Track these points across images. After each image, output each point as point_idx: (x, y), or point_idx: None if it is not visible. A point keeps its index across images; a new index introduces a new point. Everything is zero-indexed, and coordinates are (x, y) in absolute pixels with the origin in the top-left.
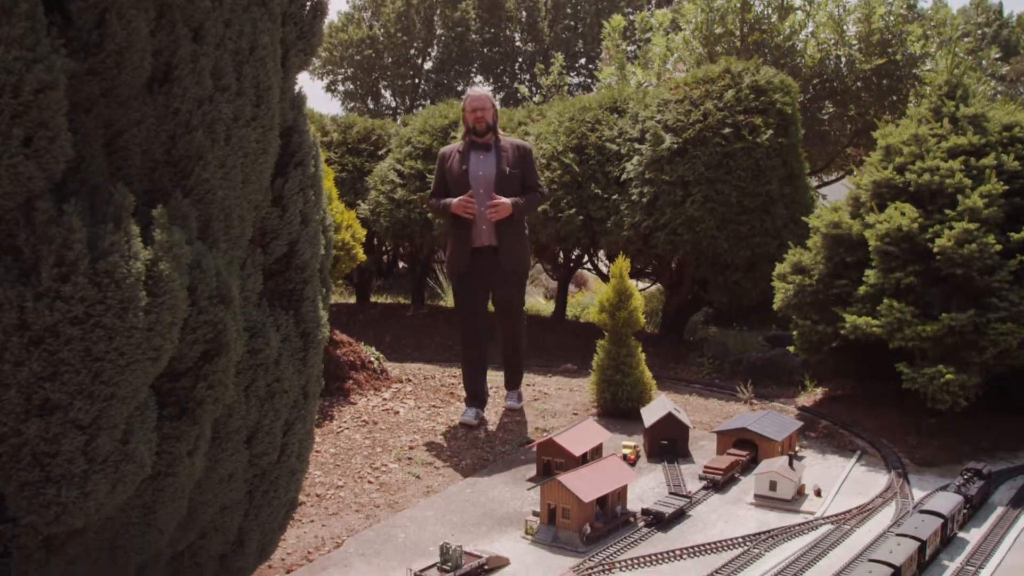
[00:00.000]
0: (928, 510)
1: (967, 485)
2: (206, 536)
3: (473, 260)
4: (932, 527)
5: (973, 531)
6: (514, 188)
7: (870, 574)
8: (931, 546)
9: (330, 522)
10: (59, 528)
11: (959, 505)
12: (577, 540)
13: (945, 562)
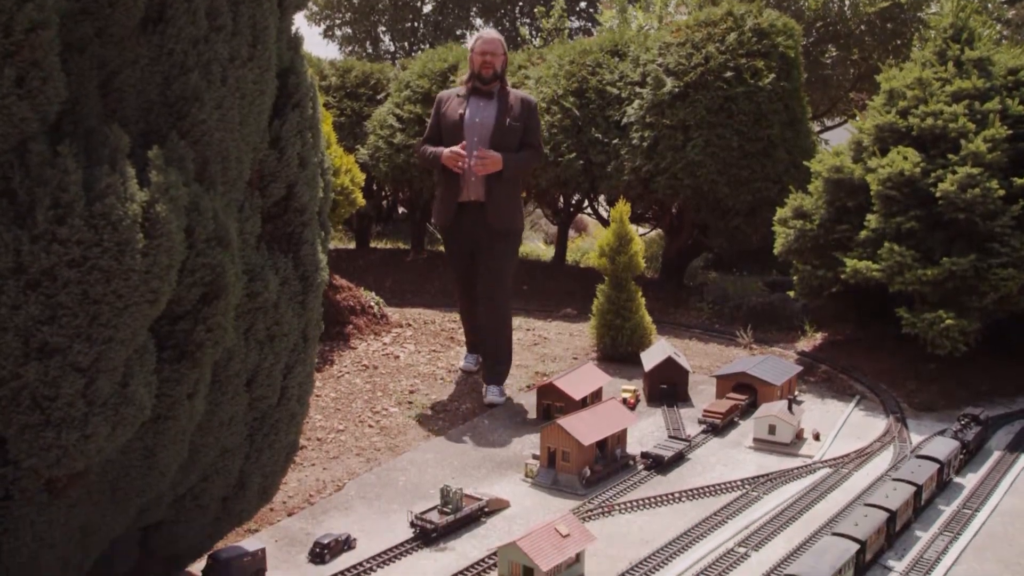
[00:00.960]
0: (924, 455)
1: (964, 431)
2: (208, 479)
3: (459, 215)
4: (928, 472)
5: (969, 476)
6: (512, 142)
7: (866, 518)
8: (927, 491)
9: (331, 465)
10: (60, 471)
11: (955, 451)
12: (577, 483)
13: (941, 507)
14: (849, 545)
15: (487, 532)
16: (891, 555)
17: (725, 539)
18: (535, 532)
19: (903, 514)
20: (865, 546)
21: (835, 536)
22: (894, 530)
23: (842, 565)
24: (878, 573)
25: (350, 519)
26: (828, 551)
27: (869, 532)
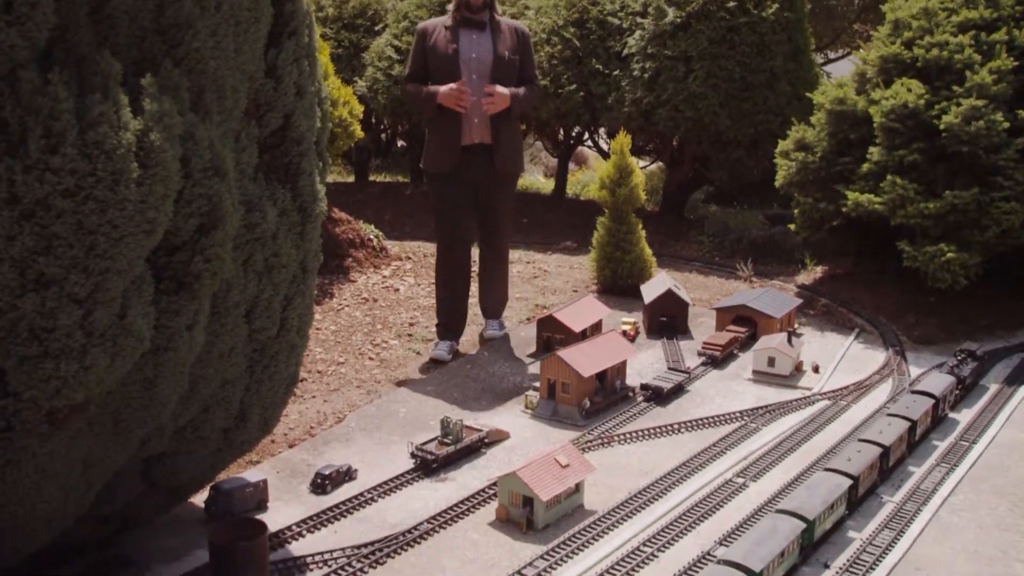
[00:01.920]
0: (920, 390)
1: (960, 366)
2: (208, 410)
3: (462, 160)
4: (923, 407)
5: (965, 411)
6: (512, 77)
7: (859, 453)
8: (922, 426)
9: (331, 398)
10: (60, 402)
11: (951, 386)
12: (576, 414)
13: (936, 442)
14: (841, 481)
15: (487, 463)
16: (885, 489)
17: (724, 470)
18: (535, 462)
19: (897, 449)
20: (858, 481)
21: (828, 471)
22: (888, 465)
23: (834, 500)
24: (872, 507)
25: (351, 450)
26: (821, 486)
27: (862, 467)
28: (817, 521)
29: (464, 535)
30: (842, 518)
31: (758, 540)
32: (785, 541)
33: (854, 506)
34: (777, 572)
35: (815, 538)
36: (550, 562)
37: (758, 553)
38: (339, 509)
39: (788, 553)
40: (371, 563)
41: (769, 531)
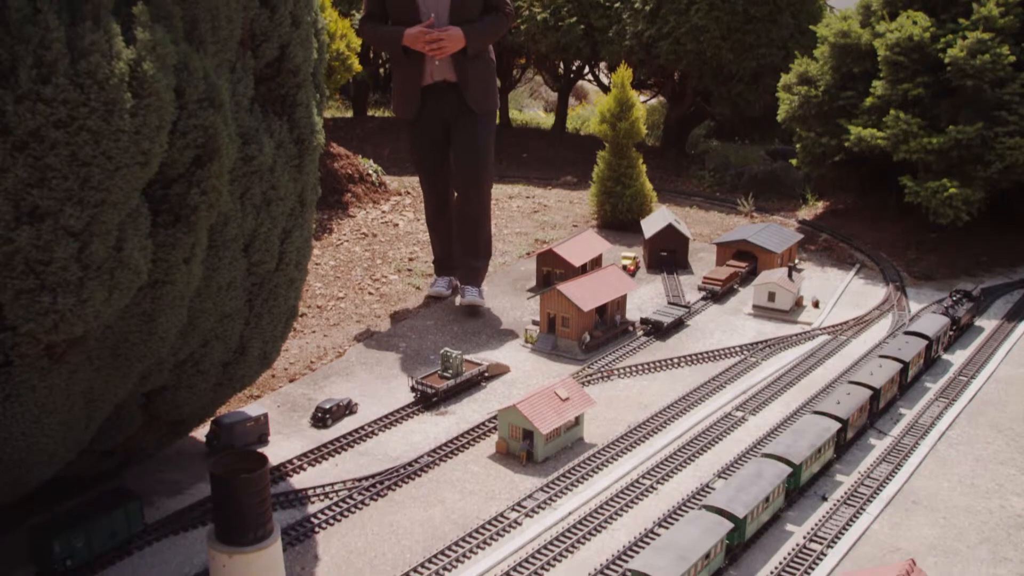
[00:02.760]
0: (913, 332)
1: (955, 307)
2: (208, 344)
3: (425, 101)
4: (916, 349)
5: (959, 353)
6: (474, 8)
7: (848, 396)
8: (914, 368)
9: (332, 333)
10: (58, 336)
11: (945, 327)
12: (576, 348)
13: (928, 384)
14: (830, 424)
15: (487, 396)
16: (881, 426)
17: (723, 404)
18: (535, 396)
19: (888, 391)
20: (847, 424)
21: (816, 414)
22: (878, 408)
23: (822, 444)
24: (870, 441)
25: (351, 384)
26: (808, 430)
27: (851, 410)
28: (804, 466)
29: (464, 468)
30: (830, 461)
31: (742, 486)
32: (770, 487)
33: (843, 450)
34: (762, 517)
35: (801, 482)
36: (550, 494)
37: (742, 499)
38: (340, 442)
39: (773, 498)
40: (372, 495)
41: (754, 476)
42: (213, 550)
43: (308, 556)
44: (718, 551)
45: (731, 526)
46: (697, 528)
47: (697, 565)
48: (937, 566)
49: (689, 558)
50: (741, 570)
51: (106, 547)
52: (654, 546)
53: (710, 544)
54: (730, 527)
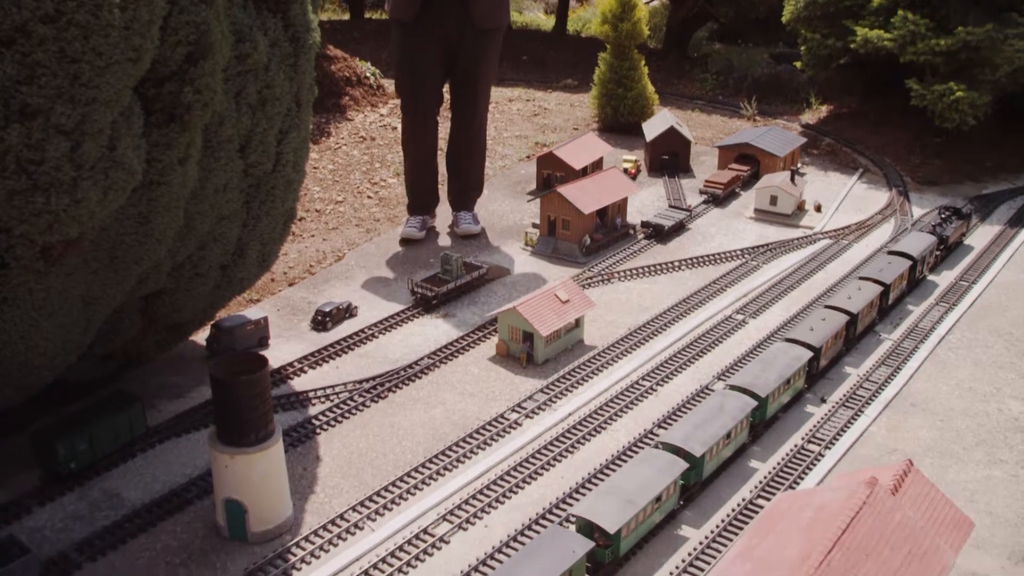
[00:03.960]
0: (897, 251)
1: (943, 225)
2: (206, 247)
3: (428, 8)
4: (898, 271)
5: (945, 274)
6: None
7: (823, 322)
8: (895, 290)
9: (331, 236)
10: (53, 237)
11: (931, 247)
12: (576, 251)
13: (910, 306)
14: (801, 353)
15: (487, 299)
16: (849, 360)
17: (723, 307)
18: (535, 298)
19: (866, 316)
20: (820, 353)
21: (787, 342)
22: (855, 333)
23: (791, 375)
24: (871, 344)
25: (351, 288)
26: (777, 359)
27: (825, 337)
28: (770, 398)
29: (464, 370)
30: (800, 392)
31: (700, 422)
32: (732, 422)
33: (815, 379)
34: (723, 453)
35: (768, 415)
36: (550, 395)
37: (700, 436)
38: (340, 345)
39: (736, 434)
40: (372, 397)
41: (716, 410)
42: (215, 451)
43: (310, 457)
44: (671, 493)
45: (686, 466)
46: (650, 468)
47: (647, 509)
48: (934, 467)
49: (638, 502)
50: (698, 510)
51: (109, 449)
52: (601, 489)
53: (662, 486)
54: (685, 467)
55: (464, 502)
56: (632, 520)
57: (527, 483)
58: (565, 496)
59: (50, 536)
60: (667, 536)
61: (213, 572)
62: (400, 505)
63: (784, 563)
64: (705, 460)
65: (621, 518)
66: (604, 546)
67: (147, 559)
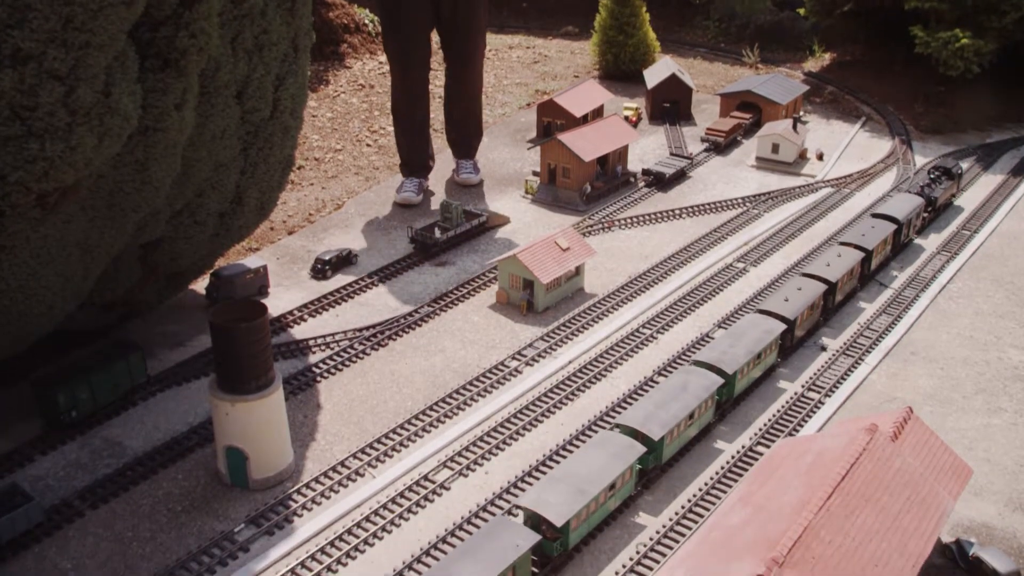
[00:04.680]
0: (881, 214)
1: (932, 186)
2: (204, 194)
3: None
4: (881, 235)
5: (933, 237)
6: None
7: (799, 291)
8: (878, 256)
9: (330, 185)
10: (49, 184)
11: (918, 209)
12: (577, 199)
13: (894, 271)
14: (773, 326)
15: (487, 247)
16: (826, 332)
17: (724, 255)
18: (535, 246)
19: (846, 284)
20: (794, 325)
21: (760, 314)
22: (834, 303)
23: (763, 349)
24: (872, 293)
25: (350, 236)
26: (748, 332)
27: (800, 308)
28: (738, 375)
29: (465, 317)
30: (773, 366)
31: (663, 401)
32: (695, 402)
33: (790, 351)
34: (687, 433)
35: (736, 392)
36: (550, 343)
37: (660, 417)
38: (340, 293)
39: (700, 414)
40: (372, 345)
41: (678, 389)
42: (215, 399)
43: (310, 404)
44: (627, 479)
45: (644, 450)
46: (605, 453)
47: (599, 498)
48: (933, 415)
49: (588, 491)
50: (657, 495)
51: (110, 398)
52: (551, 476)
53: (616, 473)
54: (643, 451)
55: (464, 449)
56: (583, 510)
57: (527, 430)
58: (565, 443)
59: (52, 484)
60: (623, 524)
61: (215, 519)
62: (400, 452)
63: (784, 508)
64: (664, 443)
65: (570, 509)
66: (552, 539)
67: (149, 506)
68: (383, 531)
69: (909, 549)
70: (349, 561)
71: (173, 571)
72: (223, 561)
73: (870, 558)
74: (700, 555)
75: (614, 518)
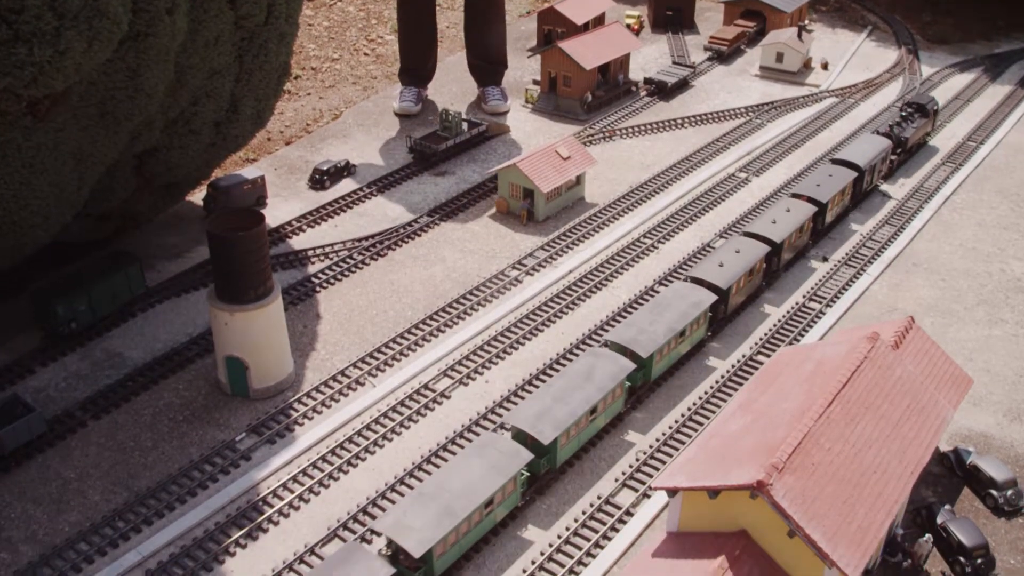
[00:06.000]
0: (841, 160)
1: (902, 125)
2: (198, 102)
3: None
4: (838, 185)
5: (902, 182)
6: None
7: (737, 254)
8: (835, 208)
9: (327, 95)
10: (39, 90)
11: (883, 153)
12: (578, 108)
13: (854, 225)
14: (702, 297)
15: (487, 156)
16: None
17: (726, 165)
18: (536, 155)
19: (795, 242)
20: (728, 295)
21: (690, 282)
22: (779, 265)
23: (687, 325)
24: (875, 203)
25: (349, 146)
26: (673, 304)
27: (736, 276)
28: (655, 358)
29: (464, 227)
30: (702, 341)
31: (563, 391)
32: (598, 395)
33: (721, 324)
34: (582, 437)
35: (653, 376)
36: (550, 253)
37: (554, 416)
38: (338, 204)
39: (605, 407)
40: (372, 255)
41: (583, 375)
42: (214, 309)
43: (310, 314)
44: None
45: (633, 367)
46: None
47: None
48: (934, 326)
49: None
50: (551, 498)
51: (108, 310)
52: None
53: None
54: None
55: (464, 358)
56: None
57: (527, 339)
58: (566, 351)
59: (54, 395)
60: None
61: (216, 428)
62: (400, 361)
63: (784, 415)
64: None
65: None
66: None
67: (150, 416)
68: (383, 439)
69: (908, 457)
70: (350, 469)
71: (175, 479)
72: (225, 469)
73: (869, 465)
74: (699, 461)
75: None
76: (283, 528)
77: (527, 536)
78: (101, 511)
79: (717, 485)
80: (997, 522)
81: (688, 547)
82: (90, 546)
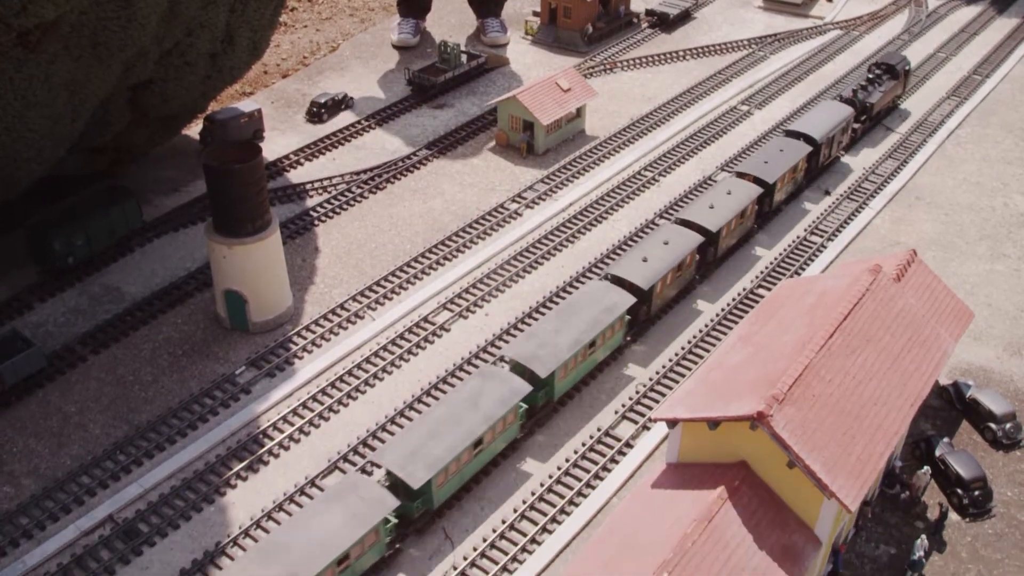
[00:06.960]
0: (795, 131)
1: (868, 88)
2: (193, 33)
3: None
4: (789, 162)
5: (866, 152)
6: None
7: (666, 246)
8: (783, 189)
9: (324, 27)
10: (29, 20)
11: (845, 122)
12: (579, 40)
13: (807, 204)
14: (620, 299)
15: (486, 88)
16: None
17: (729, 97)
18: (535, 86)
19: (734, 230)
20: (650, 295)
21: (606, 281)
22: (716, 254)
23: (596, 336)
24: (877, 137)
25: (346, 79)
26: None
27: (662, 271)
28: (556, 377)
29: (463, 160)
30: (621, 347)
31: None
32: (484, 426)
33: (647, 325)
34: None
35: (556, 396)
36: (550, 186)
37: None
38: (336, 137)
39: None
40: (370, 188)
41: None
42: (212, 242)
43: (308, 248)
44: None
45: (633, 300)
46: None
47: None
48: (936, 260)
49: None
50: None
51: (105, 244)
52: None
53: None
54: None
55: (464, 291)
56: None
57: (527, 272)
58: (566, 284)
59: (53, 330)
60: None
61: (215, 361)
62: (400, 295)
63: (785, 347)
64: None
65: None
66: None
67: (150, 350)
68: (383, 372)
69: (908, 389)
70: (350, 402)
71: (176, 413)
72: (225, 403)
73: (869, 397)
74: (700, 393)
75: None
76: (284, 460)
77: (526, 468)
78: (102, 444)
79: (717, 416)
80: (995, 455)
81: (688, 478)
82: (92, 479)
